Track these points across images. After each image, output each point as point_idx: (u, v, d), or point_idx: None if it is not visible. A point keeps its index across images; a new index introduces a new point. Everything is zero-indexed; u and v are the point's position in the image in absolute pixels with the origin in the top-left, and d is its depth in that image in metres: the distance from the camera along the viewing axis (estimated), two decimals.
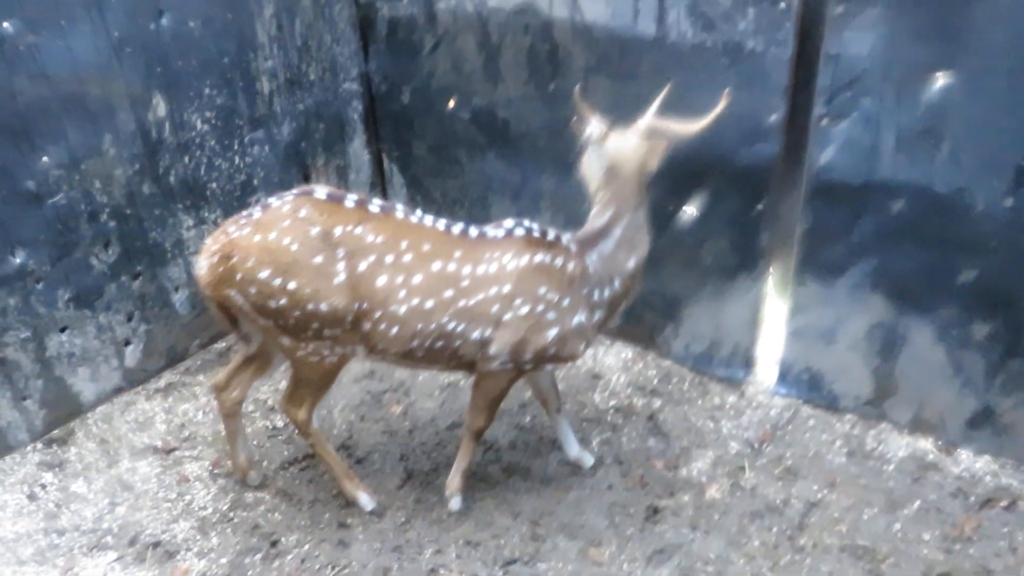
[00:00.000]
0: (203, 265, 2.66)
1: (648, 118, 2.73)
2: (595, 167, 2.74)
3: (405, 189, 4.51)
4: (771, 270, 3.49)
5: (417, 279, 2.60)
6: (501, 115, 3.93)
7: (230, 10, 3.64)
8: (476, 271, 2.63)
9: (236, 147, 3.84)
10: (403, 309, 2.61)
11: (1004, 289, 2.94)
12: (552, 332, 2.67)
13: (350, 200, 2.65)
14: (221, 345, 4.06)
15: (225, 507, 3.14)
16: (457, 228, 2.72)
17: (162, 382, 3.81)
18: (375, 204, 2.68)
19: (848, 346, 3.35)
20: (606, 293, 2.77)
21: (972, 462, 3.16)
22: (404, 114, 4.30)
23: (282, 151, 4.06)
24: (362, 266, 2.57)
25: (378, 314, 2.61)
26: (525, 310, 2.64)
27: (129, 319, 3.64)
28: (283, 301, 2.56)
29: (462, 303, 2.63)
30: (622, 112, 2.78)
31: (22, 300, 3.23)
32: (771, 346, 3.61)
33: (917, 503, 3.01)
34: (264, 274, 2.54)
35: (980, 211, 2.88)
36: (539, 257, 2.65)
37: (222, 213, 3.85)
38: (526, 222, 2.75)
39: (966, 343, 3.08)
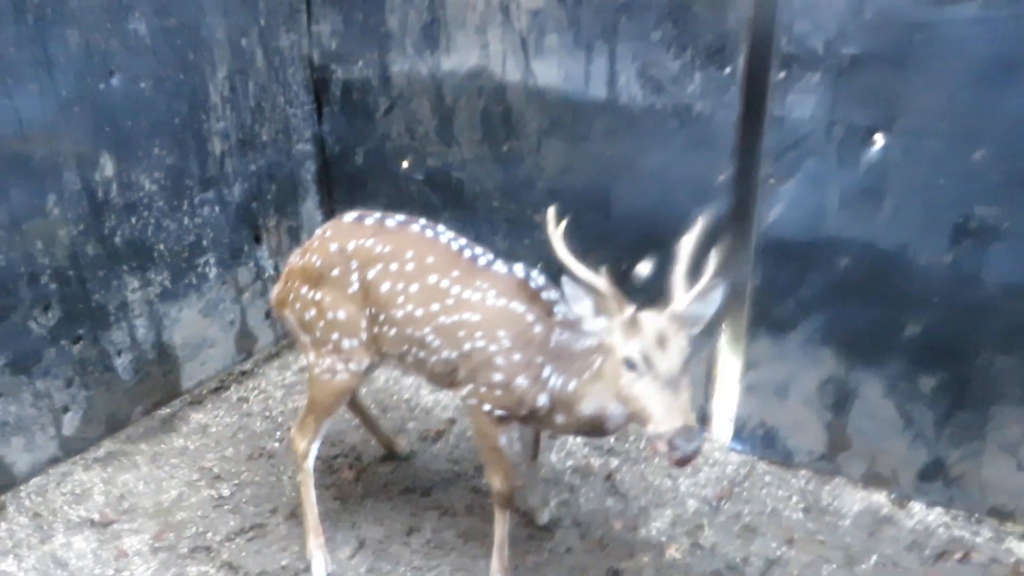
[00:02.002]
0: (274, 289, 3.08)
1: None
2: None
3: None
4: (724, 327, 3.54)
5: (414, 288, 2.70)
6: (455, 176, 3.96)
7: (182, 71, 3.63)
8: (462, 294, 2.66)
9: (186, 207, 3.78)
10: (400, 314, 2.73)
11: (948, 342, 3.02)
12: (497, 376, 2.63)
13: (372, 218, 2.87)
14: (165, 411, 3.91)
15: None
16: (468, 252, 2.75)
17: (101, 451, 3.65)
18: (394, 219, 2.85)
19: (801, 401, 3.38)
20: (551, 380, 2.55)
21: (925, 514, 3.19)
22: (358, 175, 4.30)
23: (233, 212, 4.01)
24: (371, 274, 2.76)
25: (382, 317, 2.77)
26: (481, 344, 2.63)
27: (68, 385, 3.49)
28: (313, 312, 2.85)
29: (442, 319, 2.67)
30: (575, 174, 2.81)
31: None
32: (726, 402, 3.63)
33: (874, 558, 3.01)
34: (303, 290, 2.88)
35: (922, 267, 2.97)
36: (515, 304, 2.62)
37: (169, 275, 3.77)
38: (535, 272, 2.70)
39: (915, 396, 3.14)
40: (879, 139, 2.93)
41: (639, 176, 3.44)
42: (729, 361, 3.62)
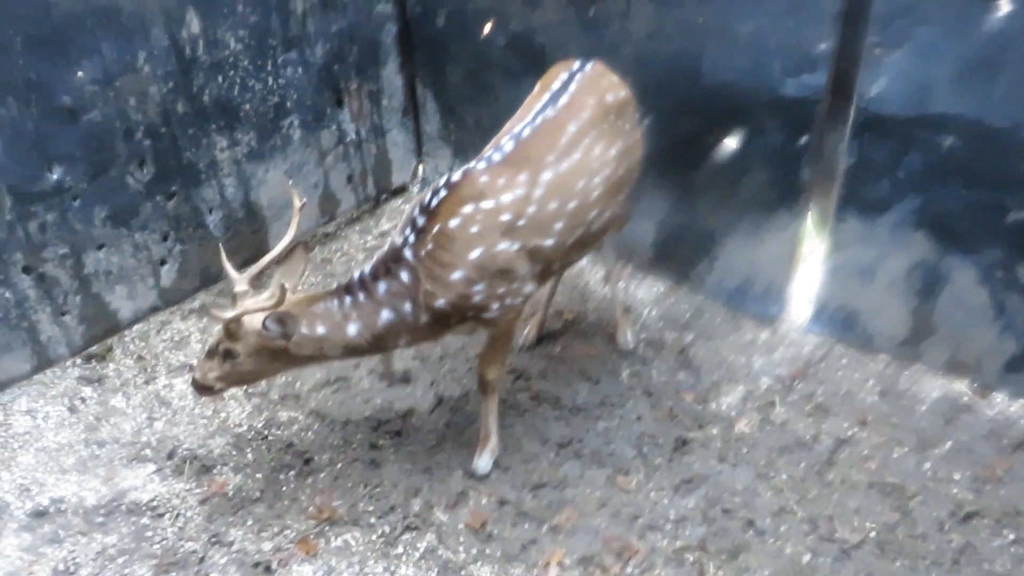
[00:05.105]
0: None
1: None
2: None
3: (439, 116, 4.45)
4: (811, 206, 3.41)
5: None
6: (538, 41, 3.83)
7: None
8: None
9: (269, 68, 3.79)
10: None
11: None
12: None
13: (567, 73, 2.96)
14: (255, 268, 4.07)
15: (260, 425, 3.20)
16: (517, 127, 2.74)
17: (196, 303, 3.86)
18: (571, 82, 2.90)
19: (886, 285, 3.29)
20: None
21: (1007, 405, 3.12)
22: (438, 39, 4.21)
23: (315, 74, 4.00)
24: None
25: None
26: None
27: (164, 239, 3.66)
28: None
29: None
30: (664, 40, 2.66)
31: (60, 216, 3.26)
32: (807, 283, 3.56)
33: (949, 444, 2.99)
34: None
35: None
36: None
37: (256, 135, 3.83)
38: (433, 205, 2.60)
39: (1011, 285, 3.00)
40: (1002, 4, 2.68)
41: (732, 43, 3.26)
42: (813, 241, 3.52)
